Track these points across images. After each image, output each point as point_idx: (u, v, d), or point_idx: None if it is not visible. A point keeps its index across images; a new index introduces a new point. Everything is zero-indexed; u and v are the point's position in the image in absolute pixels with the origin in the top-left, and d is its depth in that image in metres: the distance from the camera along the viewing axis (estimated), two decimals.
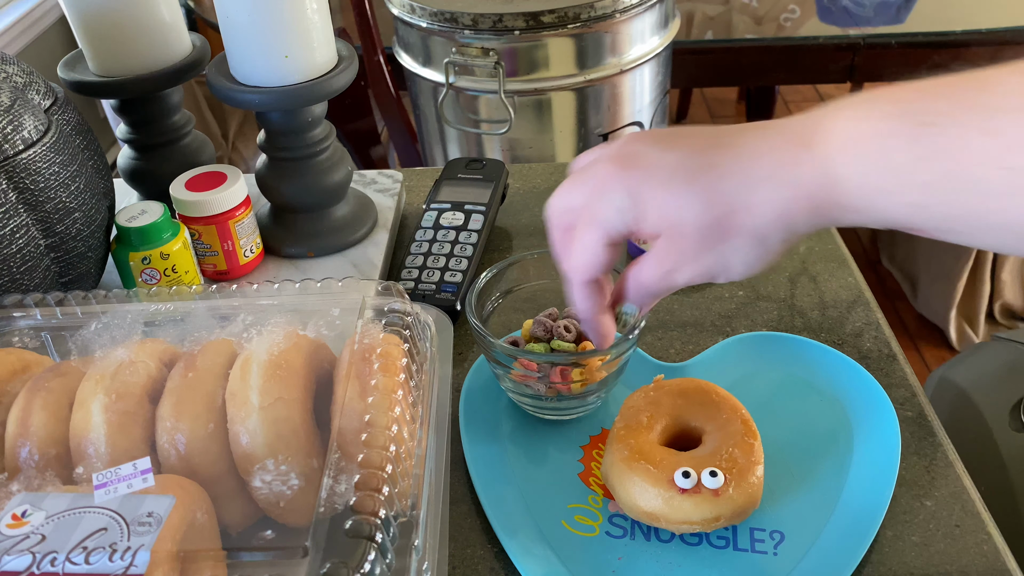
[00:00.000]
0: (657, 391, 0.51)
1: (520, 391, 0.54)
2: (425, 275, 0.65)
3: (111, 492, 0.36)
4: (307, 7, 0.60)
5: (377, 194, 0.76)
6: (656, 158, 0.41)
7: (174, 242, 0.61)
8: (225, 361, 0.43)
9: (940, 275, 1.82)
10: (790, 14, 1.61)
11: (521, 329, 0.56)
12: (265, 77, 0.61)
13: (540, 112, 1.15)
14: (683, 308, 0.65)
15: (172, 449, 0.40)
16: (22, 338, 0.47)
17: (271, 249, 0.69)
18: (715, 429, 0.49)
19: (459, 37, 1.10)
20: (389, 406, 0.40)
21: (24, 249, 0.53)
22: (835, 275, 0.67)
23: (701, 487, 0.45)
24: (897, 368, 0.58)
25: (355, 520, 0.35)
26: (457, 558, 0.48)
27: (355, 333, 0.44)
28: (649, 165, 0.41)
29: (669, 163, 0.41)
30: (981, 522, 0.48)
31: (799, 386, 0.56)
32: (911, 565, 0.46)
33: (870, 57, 1.49)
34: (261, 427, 0.39)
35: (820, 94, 2.84)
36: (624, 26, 1.11)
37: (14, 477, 0.39)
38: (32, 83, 0.57)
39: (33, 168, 0.53)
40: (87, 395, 0.41)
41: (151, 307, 0.48)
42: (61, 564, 0.33)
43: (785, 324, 0.63)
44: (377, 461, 0.37)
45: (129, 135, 0.70)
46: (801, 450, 0.52)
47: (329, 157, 0.67)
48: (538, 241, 0.74)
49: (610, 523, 0.49)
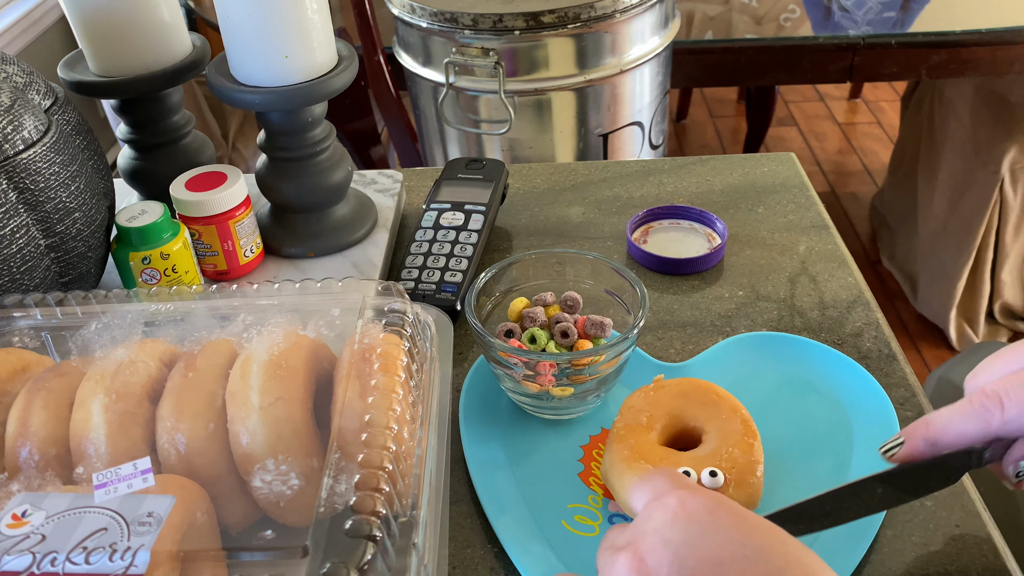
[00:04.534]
0: (657, 391, 0.51)
1: (520, 391, 0.54)
2: (425, 275, 0.65)
3: (111, 492, 0.36)
4: (307, 7, 0.60)
5: (377, 194, 0.76)
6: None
7: (174, 242, 0.61)
8: (225, 361, 0.43)
9: (940, 275, 1.82)
10: (790, 14, 1.61)
11: (509, 309, 0.56)
12: (265, 77, 0.61)
13: (540, 112, 1.15)
14: (683, 308, 0.65)
15: (172, 449, 0.40)
16: (22, 338, 0.47)
17: (271, 249, 0.69)
18: (715, 429, 0.49)
19: (459, 37, 1.10)
20: (389, 406, 0.40)
21: (24, 249, 0.53)
22: (835, 275, 0.67)
23: (701, 487, 0.45)
24: (897, 368, 0.58)
25: (355, 520, 0.35)
26: (457, 558, 0.48)
27: (355, 333, 0.44)
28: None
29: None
30: (981, 522, 0.48)
31: (799, 386, 0.56)
32: (911, 565, 0.46)
33: (870, 57, 1.49)
34: (261, 427, 0.39)
35: (820, 94, 2.84)
36: (624, 26, 1.11)
37: (14, 477, 0.39)
38: (32, 83, 0.57)
39: (33, 168, 0.53)
40: (87, 395, 0.41)
41: (151, 307, 0.48)
42: (61, 564, 0.33)
43: (785, 324, 0.63)
44: (377, 461, 0.37)
45: (129, 135, 0.70)
46: (801, 450, 0.52)
47: (329, 157, 0.67)
48: (538, 241, 0.74)
49: (610, 523, 0.49)
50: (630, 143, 1.23)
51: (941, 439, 0.40)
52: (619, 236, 0.74)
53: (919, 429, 0.41)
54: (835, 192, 2.36)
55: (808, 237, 0.72)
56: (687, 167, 0.83)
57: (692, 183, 0.80)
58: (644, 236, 0.73)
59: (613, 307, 0.57)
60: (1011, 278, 1.77)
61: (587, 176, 0.83)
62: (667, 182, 0.81)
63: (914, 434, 0.41)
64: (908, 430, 0.42)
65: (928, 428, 0.41)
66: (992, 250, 1.75)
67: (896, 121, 2.60)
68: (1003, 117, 1.67)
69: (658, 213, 0.74)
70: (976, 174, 1.71)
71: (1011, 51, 1.47)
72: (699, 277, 0.68)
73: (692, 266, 0.68)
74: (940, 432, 0.40)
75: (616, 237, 0.74)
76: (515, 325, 0.56)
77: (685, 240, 0.72)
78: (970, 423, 0.40)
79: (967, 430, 0.40)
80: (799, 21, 1.59)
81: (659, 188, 0.80)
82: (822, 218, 0.74)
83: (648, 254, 0.69)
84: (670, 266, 0.68)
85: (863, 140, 2.60)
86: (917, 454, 0.41)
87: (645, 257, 0.69)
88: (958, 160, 1.76)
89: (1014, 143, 1.65)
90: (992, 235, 1.73)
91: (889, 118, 2.69)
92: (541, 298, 0.57)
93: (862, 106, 2.78)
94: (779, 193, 0.78)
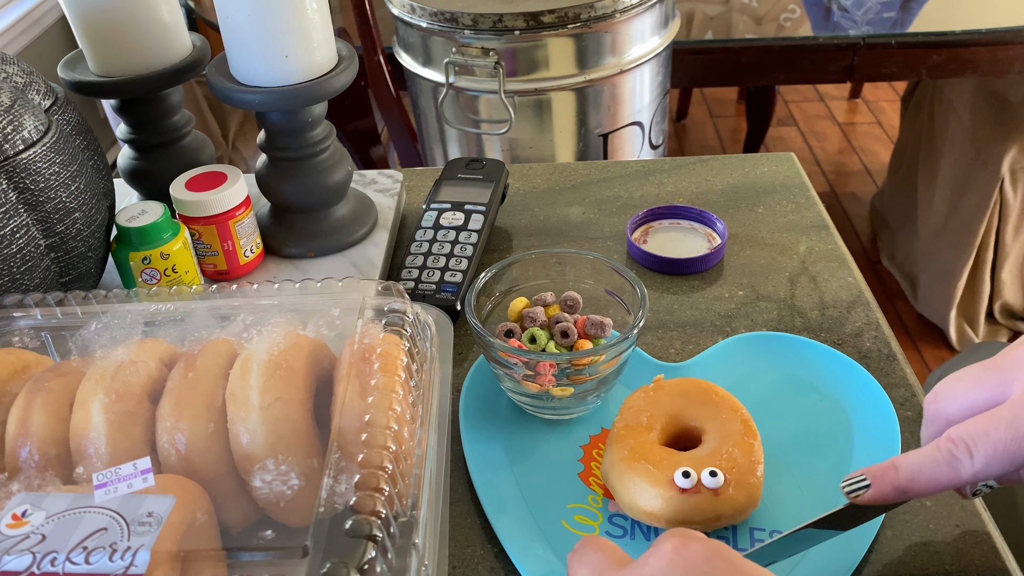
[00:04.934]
0: (657, 391, 0.51)
1: (520, 391, 0.54)
2: (425, 275, 0.65)
3: (111, 492, 0.36)
4: (307, 7, 0.60)
5: (377, 194, 0.76)
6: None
7: (174, 242, 0.61)
8: (225, 361, 0.43)
9: (940, 275, 1.82)
10: (790, 14, 1.61)
11: (509, 309, 0.56)
12: (265, 77, 0.61)
13: (540, 112, 1.15)
14: (683, 308, 0.65)
15: (172, 449, 0.40)
16: (22, 338, 0.47)
17: (271, 249, 0.69)
18: (715, 429, 0.49)
19: (459, 37, 1.10)
20: (389, 406, 0.40)
21: (24, 249, 0.53)
22: (835, 275, 0.67)
23: (701, 487, 0.45)
24: (897, 368, 0.58)
25: (355, 520, 0.35)
26: (457, 558, 0.48)
27: (355, 333, 0.44)
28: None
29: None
30: (981, 522, 0.48)
31: (799, 386, 0.56)
32: (911, 565, 0.46)
33: (870, 57, 1.49)
34: (261, 427, 0.39)
35: (820, 94, 2.84)
36: (624, 26, 1.11)
37: (14, 477, 0.39)
38: (32, 83, 0.57)
39: (33, 168, 0.53)
40: (87, 395, 0.41)
41: (151, 307, 0.48)
42: (61, 564, 0.33)
43: (785, 324, 0.63)
44: (377, 461, 0.37)
45: (129, 135, 0.70)
46: (801, 450, 0.52)
47: (329, 157, 0.67)
48: (538, 241, 0.74)
49: (610, 523, 0.49)
50: (630, 143, 1.23)
51: (911, 488, 0.40)
52: (619, 236, 0.74)
53: (888, 475, 0.41)
54: (835, 192, 2.36)
55: (808, 237, 0.72)
56: (687, 167, 0.83)
57: (692, 183, 0.80)
58: (644, 236, 0.73)
59: (613, 307, 0.57)
60: (1011, 278, 1.77)
61: (587, 176, 0.83)
62: (667, 182, 0.81)
63: (883, 479, 0.41)
64: (875, 473, 0.41)
65: (898, 475, 0.41)
66: (992, 250, 1.75)
67: (896, 121, 2.60)
68: (1003, 117, 1.67)
69: (658, 213, 0.74)
70: (976, 174, 1.71)
71: (1011, 51, 1.47)
72: (699, 277, 0.68)
73: (692, 266, 0.68)
74: (909, 481, 0.40)
75: (616, 237, 0.74)
76: (515, 325, 0.56)
77: (685, 240, 0.72)
78: (940, 472, 0.39)
79: (938, 479, 0.40)
80: (799, 21, 1.59)
81: (659, 188, 0.80)
82: (822, 218, 0.74)
83: (648, 254, 0.69)
84: (670, 266, 0.68)
85: (863, 140, 2.60)
86: (885, 500, 0.41)
87: (645, 257, 0.69)
88: (958, 160, 1.76)
89: (1014, 143, 1.65)
90: (992, 235, 1.74)
91: (889, 118, 2.69)
92: (541, 298, 0.57)
93: (862, 106, 2.78)
94: (779, 193, 0.78)
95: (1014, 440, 0.38)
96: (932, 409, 0.43)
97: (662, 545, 0.35)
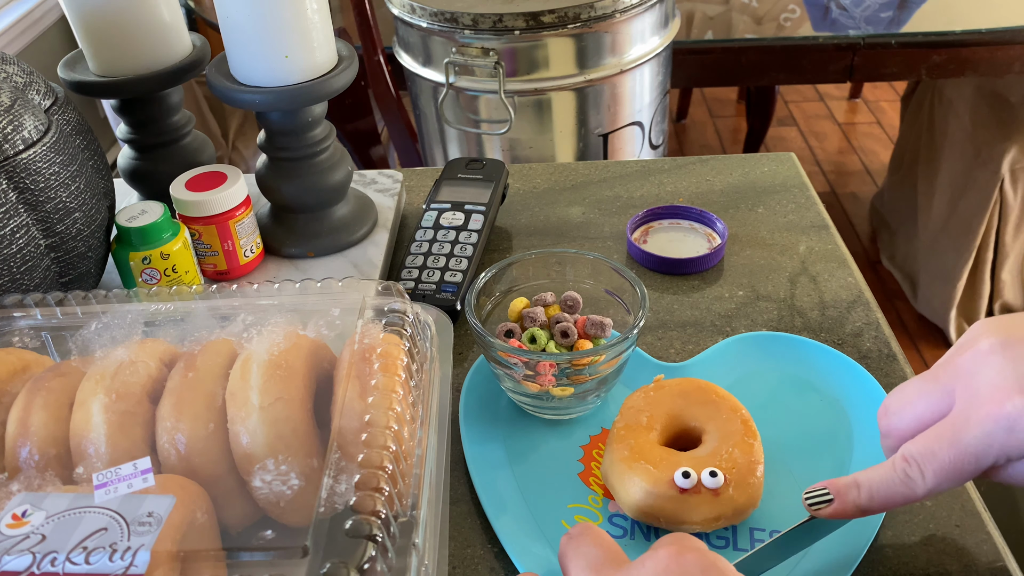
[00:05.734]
0: (657, 391, 0.51)
1: (520, 391, 0.54)
2: (425, 275, 0.66)
3: (111, 492, 0.36)
4: (307, 7, 0.60)
5: (377, 194, 0.76)
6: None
7: (174, 242, 0.61)
8: (225, 361, 0.43)
9: (940, 275, 1.82)
10: (790, 14, 1.61)
11: (509, 309, 0.56)
12: (265, 77, 0.61)
13: (540, 112, 1.15)
14: (683, 308, 0.65)
15: (172, 449, 0.40)
16: (22, 338, 0.47)
17: (271, 249, 0.69)
18: (715, 429, 0.49)
19: (459, 37, 1.10)
20: (389, 406, 0.40)
21: (24, 249, 0.53)
22: (835, 275, 0.67)
23: (701, 487, 0.45)
24: (897, 368, 0.58)
25: (355, 520, 0.35)
26: (457, 558, 0.48)
27: (355, 333, 0.44)
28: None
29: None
30: (981, 522, 0.48)
31: (799, 386, 0.56)
32: (911, 565, 0.46)
33: (869, 57, 1.49)
34: (261, 427, 0.39)
35: (820, 94, 2.84)
36: (624, 26, 1.11)
37: (14, 477, 0.39)
38: (32, 83, 0.57)
39: (33, 168, 0.53)
40: (87, 395, 0.41)
41: (151, 307, 0.48)
42: (61, 564, 0.33)
43: (785, 324, 0.63)
44: (377, 461, 0.37)
45: (129, 135, 0.70)
46: (801, 450, 0.52)
47: (329, 157, 0.67)
48: (538, 241, 0.74)
49: (610, 523, 0.49)
50: (630, 143, 1.23)
51: (870, 506, 0.41)
52: (619, 236, 0.74)
53: (850, 493, 0.42)
54: (835, 192, 2.36)
55: (808, 237, 0.72)
56: (687, 167, 0.83)
57: (692, 183, 0.80)
58: (644, 236, 0.73)
59: (613, 307, 0.57)
60: (1011, 278, 1.77)
61: (587, 176, 0.83)
62: (667, 182, 0.81)
63: (845, 497, 0.42)
64: (837, 489, 0.42)
65: (859, 493, 0.41)
66: (992, 250, 1.75)
67: (896, 121, 2.60)
68: (1003, 117, 1.67)
69: (658, 213, 0.74)
70: (976, 174, 1.71)
71: (1011, 51, 1.47)
72: (699, 277, 0.68)
73: (692, 266, 0.68)
74: (868, 499, 0.41)
75: (616, 237, 0.74)
76: (515, 325, 0.56)
77: (685, 240, 0.72)
78: (896, 491, 0.40)
79: (894, 497, 0.41)
80: (799, 21, 1.59)
81: (659, 188, 0.80)
82: (822, 218, 0.74)
83: (648, 254, 0.69)
84: (670, 266, 0.68)
85: (863, 140, 2.60)
86: (846, 517, 0.42)
87: (645, 257, 0.69)
88: (958, 160, 1.76)
89: (1014, 143, 1.65)
90: (992, 235, 1.74)
91: (889, 118, 2.69)
92: (541, 298, 0.57)
93: (862, 106, 2.78)
94: (779, 193, 0.78)
95: (959, 457, 0.39)
96: (884, 423, 0.44)
97: (659, 551, 0.35)
